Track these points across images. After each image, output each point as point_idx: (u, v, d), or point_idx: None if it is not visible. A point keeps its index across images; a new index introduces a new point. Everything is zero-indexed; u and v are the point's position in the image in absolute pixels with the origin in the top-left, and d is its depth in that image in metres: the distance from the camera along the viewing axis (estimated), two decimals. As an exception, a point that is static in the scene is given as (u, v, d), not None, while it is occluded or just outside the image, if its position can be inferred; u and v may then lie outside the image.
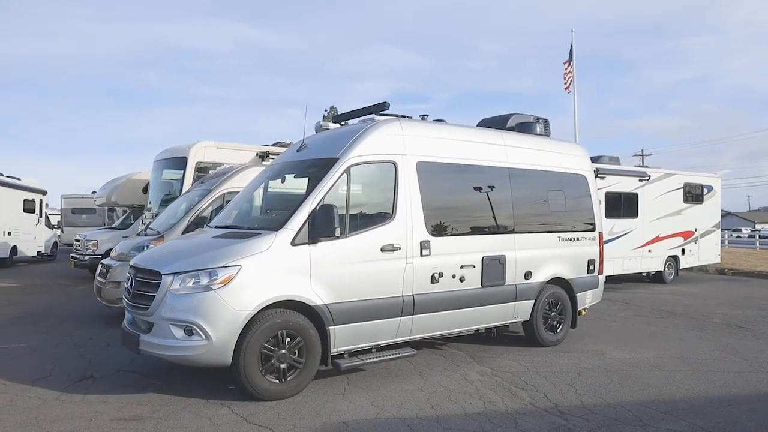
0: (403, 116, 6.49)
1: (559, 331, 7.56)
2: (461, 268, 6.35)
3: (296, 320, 5.24)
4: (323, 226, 5.31)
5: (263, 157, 11.38)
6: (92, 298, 9.46)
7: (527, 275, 7.08)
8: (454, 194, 6.65)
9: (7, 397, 5.21)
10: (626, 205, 14.73)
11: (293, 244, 5.27)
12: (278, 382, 5.16)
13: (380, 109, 6.38)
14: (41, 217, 22.14)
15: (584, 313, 8.18)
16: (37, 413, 4.78)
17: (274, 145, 12.94)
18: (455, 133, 6.79)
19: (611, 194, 14.29)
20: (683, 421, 4.79)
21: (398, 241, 5.83)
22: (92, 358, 6.66)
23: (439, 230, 6.22)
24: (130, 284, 5.61)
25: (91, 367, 6.26)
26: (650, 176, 15.30)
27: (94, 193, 22.20)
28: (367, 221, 5.78)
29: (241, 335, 4.97)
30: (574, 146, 8.49)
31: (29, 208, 21.03)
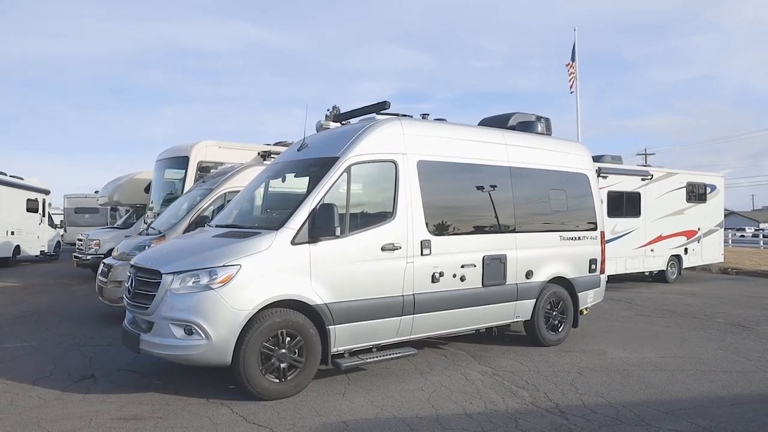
0: (403, 115, 6.48)
1: (560, 330, 7.54)
2: (462, 267, 6.33)
3: (296, 319, 5.23)
4: (323, 225, 5.30)
5: (265, 156, 11.39)
6: (94, 297, 9.48)
7: (528, 274, 7.06)
8: (454, 193, 6.63)
9: (8, 396, 5.22)
10: (629, 204, 14.70)
11: (293, 243, 5.27)
12: (278, 381, 5.15)
13: (381, 108, 6.37)
14: (44, 216, 22.22)
15: (586, 312, 8.15)
16: (37, 413, 4.79)
17: (275, 144, 12.95)
18: (456, 132, 6.77)
19: (613, 193, 14.26)
20: (685, 421, 4.77)
21: (399, 240, 5.82)
22: (93, 357, 6.67)
23: (439, 229, 6.21)
24: (130, 283, 5.62)
25: (91, 366, 6.27)
26: (653, 175, 15.26)
27: (96, 192, 22.25)
28: (367, 220, 5.77)
29: (241, 334, 4.97)
30: (575, 145, 8.47)
31: (32, 207, 21.09)
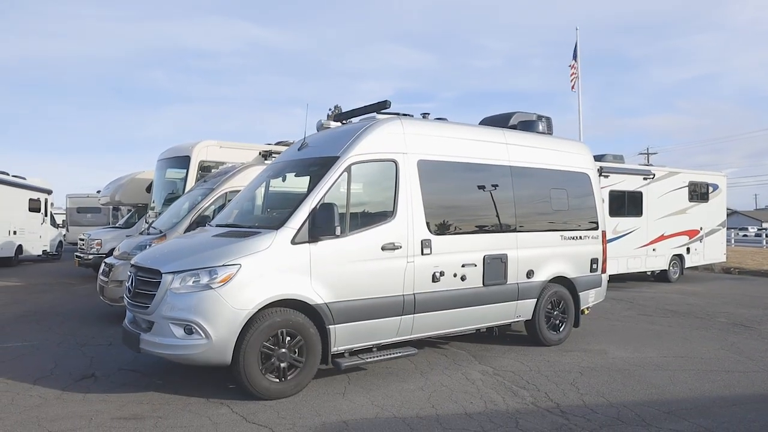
0: (404, 114, 6.47)
1: (561, 330, 7.52)
2: (462, 266, 6.32)
3: (296, 319, 5.22)
4: (323, 224, 5.30)
5: (266, 156, 11.38)
6: (96, 297, 9.49)
7: (529, 274, 7.05)
8: (455, 193, 6.62)
9: (8, 395, 5.22)
10: (630, 203, 14.67)
11: (293, 242, 5.26)
12: (278, 381, 5.14)
13: (381, 107, 6.36)
14: (46, 216, 22.26)
15: (587, 312, 8.13)
16: (38, 412, 4.79)
17: (277, 144, 12.96)
18: (456, 131, 6.76)
19: (615, 193, 14.24)
20: (686, 421, 4.75)
21: (399, 239, 5.81)
22: (94, 356, 6.67)
23: (440, 229, 6.19)
24: (130, 283, 5.62)
25: (92, 365, 6.28)
26: (655, 175, 15.23)
27: (98, 192, 22.29)
28: (367, 220, 5.76)
29: (241, 334, 4.96)
30: (576, 144, 8.45)
31: (34, 207, 21.13)
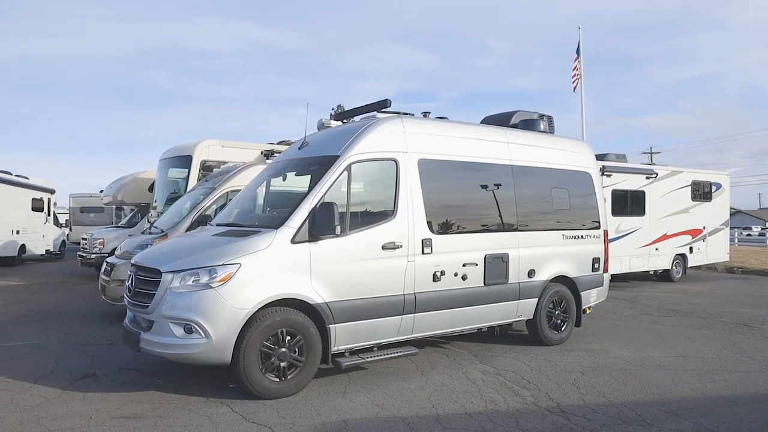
0: (404, 113, 6.46)
1: (563, 329, 7.49)
2: (463, 266, 6.30)
3: (296, 318, 5.21)
4: (323, 224, 5.29)
5: (268, 155, 11.38)
6: (98, 296, 9.50)
7: (530, 273, 7.03)
8: (456, 192, 6.60)
9: (9, 394, 5.23)
10: (633, 202, 14.63)
11: (293, 242, 5.25)
12: (278, 380, 5.14)
13: (382, 106, 6.34)
14: (49, 215, 22.31)
15: (589, 311, 8.11)
16: (38, 411, 4.80)
17: (279, 143, 12.95)
18: (457, 130, 6.74)
19: (618, 192, 14.20)
20: (687, 420, 4.72)
21: (399, 239, 5.80)
22: (95, 356, 6.68)
23: (441, 228, 6.18)
24: (130, 282, 5.62)
25: (93, 365, 6.28)
26: (657, 174, 15.18)
27: (101, 192, 22.33)
28: (368, 219, 5.75)
29: (240, 333, 4.95)
30: (578, 143, 8.41)
31: (37, 207, 21.18)
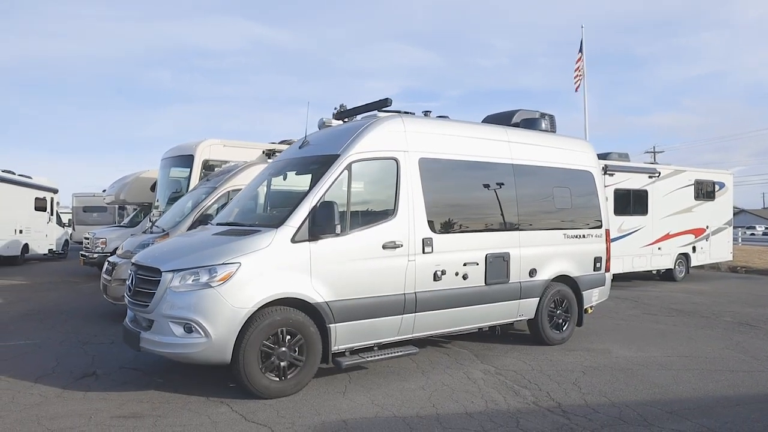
0: (405, 112, 6.44)
1: (564, 329, 7.47)
2: (464, 265, 6.28)
3: (296, 318, 5.20)
4: (324, 223, 5.28)
5: (269, 154, 11.39)
6: (100, 295, 9.50)
7: (532, 273, 7.00)
8: (456, 191, 6.58)
9: (9, 394, 5.23)
10: (636, 202, 14.58)
11: (293, 241, 5.24)
12: (278, 380, 5.13)
13: (382, 105, 6.32)
14: (52, 215, 22.35)
15: (591, 311, 8.08)
16: (38, 410, 4.80)
17: (280, 142, 12.96)
18: (458, 129, 6.72)
19: (620, 191, 14.16)
20: (689, 420, 4.70)
21: (400, 238, 5.78)
22: (96, 355, 6.68)
23: (441, 227, 6.16)
24: (131, 281, 5.62)
25: (94, 364, 6.28)
26: (660, 173, 15.13)
27: (104, 191, 22.38)
28: (368, 218, 5.74)
29: (240, 333, 4.94)
30: (580, 142, 8.38)
31: (40, 206, 21.23)
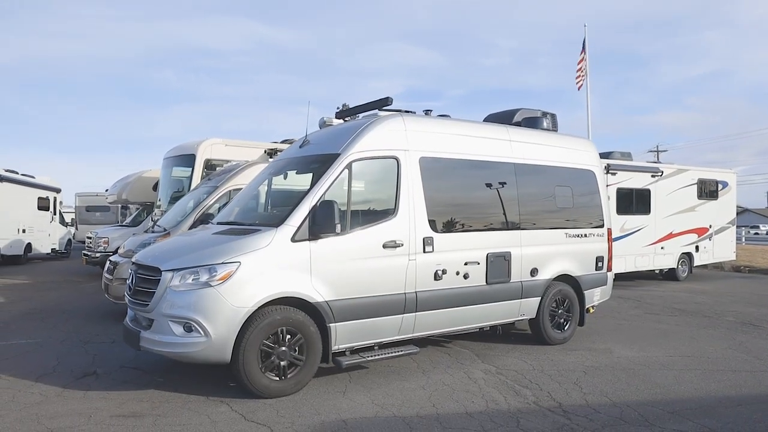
0: (406, 111, 6.42)
1: (566, 329, 7.44)
2: (465, 264, 6.26)
3: (296, 317, 5.19)
4: (324, 222, 5.27)
5: (271, 154, 11.39)
6: (102, 294, 9.51)
7: (533, 272, 6.98)
8: (457, 190, 6.56)
9: (10, 392, 5.24)
10: (638, 201, 14.53)
11: (293, 240, 5.23)
12: (278, 379, 5.12)
13: (383, 104, 6.31)
14: (55, 214, 22.41)
15: (593, 311, 8.05)
16: (38, 409, 4.80)
17: (282, 142, 12.96)
18: (459, 128, 6.70)
19: (623, 190, 14.11)
20: (690, 421, 4.67)
21: (400, 237, 5.77)
22: (97, 354, 6.69)
23: (442, 226, 6.14)
24: (131, 281, 5.62)
25: (94, 363, 6.29)
26: (663, 172, 15.07)
27: (107, 191, 22.42)
28: (368, 217, 5.73)
29: (240, 332, 4.94)
30: (582, 141, 8.35)
31: (43, 205, 21.28)
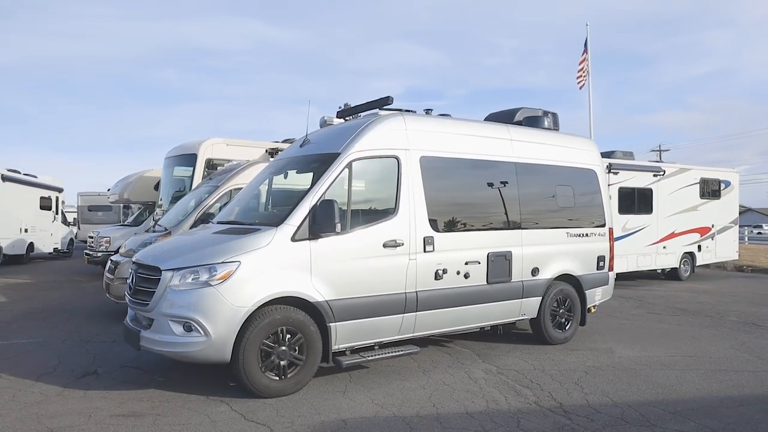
0: (406, 110, 6.41)
1: (567, 328, 7.42)
2: (466, 264, 6.25)
3: (296, 317, 5.18)
4: (324, 221, 5.26)
5: (272, 153, 11.38)
6: (103, 294, 9.51)
7: (534, 272, 6.96)
8: (458, 189, 6.55)
9: (10, 392, 5.24)
10: (640, 200, 14.50)
11: (293, 239, 5.22)
12: (278, 379, 5.11)
13: (384, 103, 6.30)
14: (57, 214, 22.46)
15: (594, 310, 8.03)
16: (38, 408, 4.80)
17: (283, 141, 12.96)
18: (460, 127, 6.68)
19: (625, 190, 14.08)
20: (692, 421, 4.65)
21: (401, 236, 5.75)
22: (97, 353, 6.69)
23: (442, 226, 6.13)
24: (131, 280, 5.61)
25: (95, 362, 6.29)
26: (665, 171, 15.04)
27: (108, 190, 22.45)
28: (369, 217, 5.72)
29: (240, 331, 4.93)
30: (583, 140, 8.32)
31: (45, 205, 21.32)
